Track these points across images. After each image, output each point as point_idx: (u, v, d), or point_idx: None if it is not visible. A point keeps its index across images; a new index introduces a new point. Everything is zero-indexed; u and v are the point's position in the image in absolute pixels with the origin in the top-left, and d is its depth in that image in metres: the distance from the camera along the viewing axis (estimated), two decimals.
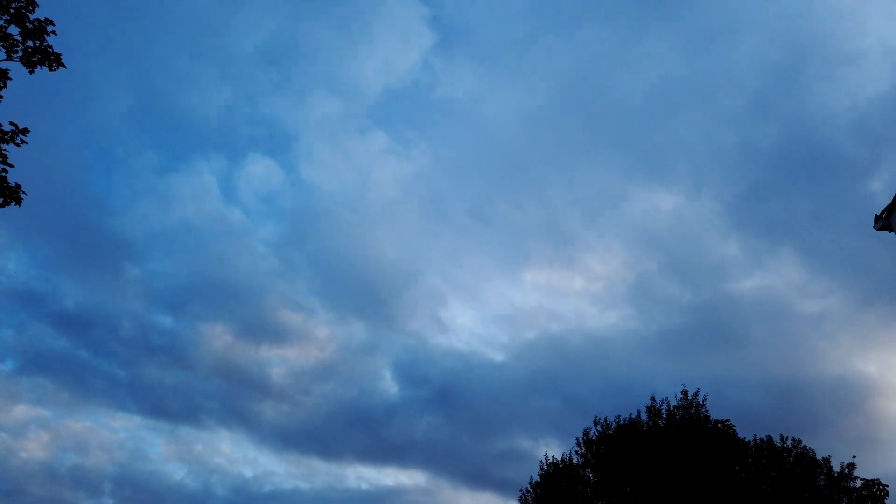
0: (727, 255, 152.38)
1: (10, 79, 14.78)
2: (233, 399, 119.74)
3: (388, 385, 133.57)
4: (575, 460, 38.29)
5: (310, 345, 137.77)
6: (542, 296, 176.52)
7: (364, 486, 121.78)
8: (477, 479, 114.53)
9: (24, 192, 14.86)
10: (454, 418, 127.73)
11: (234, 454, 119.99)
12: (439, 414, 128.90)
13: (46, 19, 14.56)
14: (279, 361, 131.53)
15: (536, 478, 39.51)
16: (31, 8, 14.94)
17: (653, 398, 37.10)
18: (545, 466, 39.35)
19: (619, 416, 37.64)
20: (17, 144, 14.16)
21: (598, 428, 37.89)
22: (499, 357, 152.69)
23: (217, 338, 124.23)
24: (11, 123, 14.51)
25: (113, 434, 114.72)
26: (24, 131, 14.16)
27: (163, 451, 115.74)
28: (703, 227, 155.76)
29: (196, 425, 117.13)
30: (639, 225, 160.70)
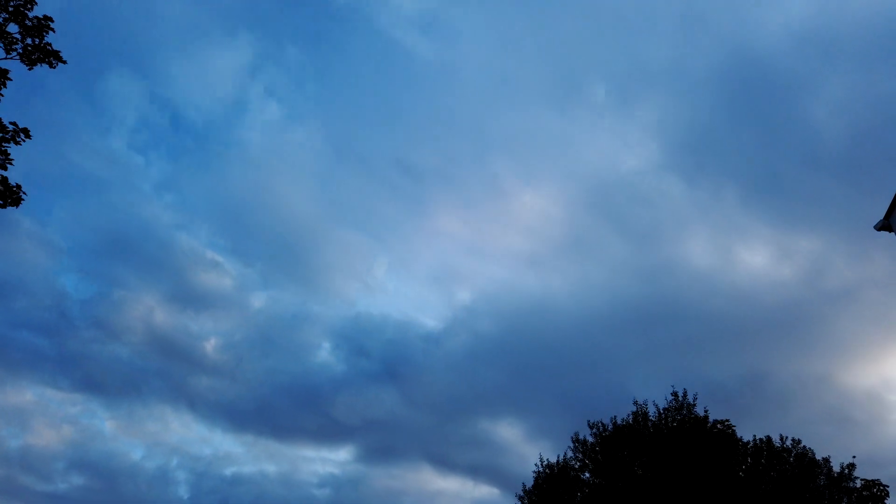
0: (671, 203, 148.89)
1: (10, 79, 14.60)
2: (171, 374, 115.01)
3: (329, 357, 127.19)
4: (572, 463, 38.20)
5: (239, 311, 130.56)
6: (475, 255, 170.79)
7: (322, 468, 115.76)
8: (439, 460, 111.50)
9: (24, 193, 14.68)
10: (404, 394, 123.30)
11: (187, 434, 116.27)
12: (388, 390, 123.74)
13: (45, 17, 14.40)
14: (211, 332, 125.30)
15: (531, 478, 39.42)
16: (29, 6, 14.78)
17: (636, 402, 37.14)
18: (541, 468, 39.20)
19: (615, 416, 37.60)
20: (18, 143, 13.99)
21: (594, 430, 37.75)
22: (437, 324, 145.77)
23: (140, 304, 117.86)
24: (12, 123, 14.34)
25: (56, 410, 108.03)
26: (25, 131, 14.00)
27: (112, 430, 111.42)
28: (641, 175, 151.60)
29: (139, 402, 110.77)
30: (574, 172, 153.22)
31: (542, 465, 39.21)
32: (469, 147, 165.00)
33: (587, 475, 37.37)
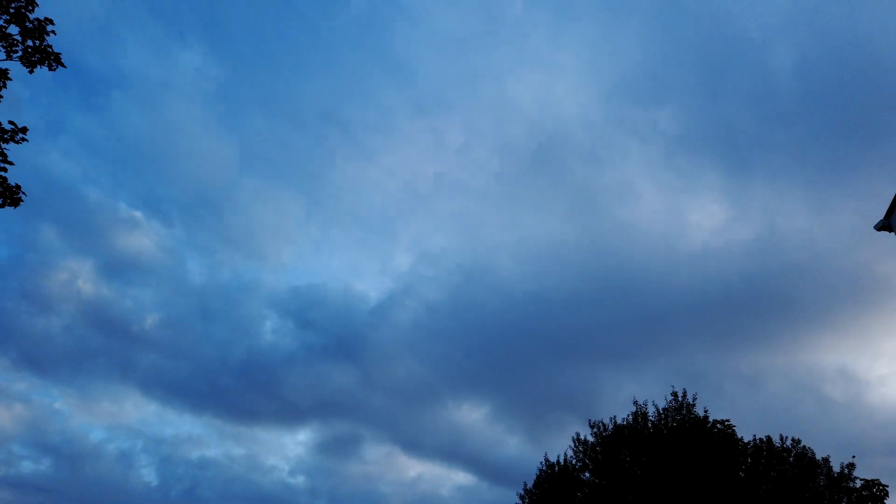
0: (616, 158, 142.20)
1: (9, 79, 14.76)
2: (115, 351, 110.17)
3: (276, 332, 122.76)
4: (573, 462, 38.27)
5: (172, 280, 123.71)
6: (411, 215, 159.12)
7: (291, 452, 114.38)
8: (410, 445, 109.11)
9: (24, 193, 14.84)
10: (361, 374, 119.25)
11: (143, 414, 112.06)
12: (343, 369, 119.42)
13: (46, 19, 14.55)
14: (147, 303, 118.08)
15: (532, 479, 39.54)
16: (30, 8, 14.93)
17: (636, 402, 37.17)
18: (543, 468, 39.33)
19: (615, 416, 37.73)
20: (17, 142, 14.15)
21: (595, 430, 37.84)
22: (378, 294, 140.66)
23: (64, 270, 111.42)
24: (11, 122, 14.49)
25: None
26: (24, 130, 14.16)
27: (65, 410, 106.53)
28: (575, 115, 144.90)
29: (88, 381, 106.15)
30: (513, 127, 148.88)
31: (544, 464, 39.39)
32: (403, 100, 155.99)
33: (587, 475, 37.45)
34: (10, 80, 14.39)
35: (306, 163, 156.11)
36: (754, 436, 36.91)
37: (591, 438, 37.70)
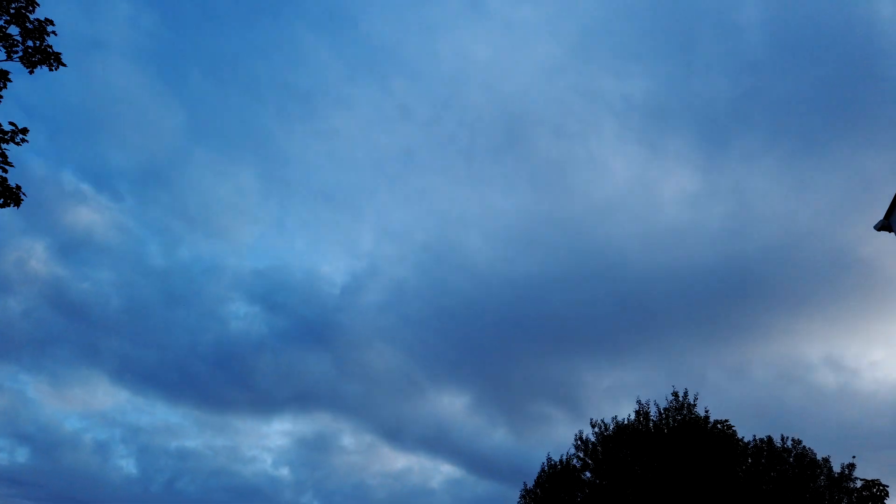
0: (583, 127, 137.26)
1: (10, 80, 14.77)
2: (79, 336, 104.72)
3: (245, 318, 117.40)
4: (574, 462, 38.30)
5: (131, 260, 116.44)
6: (374, 189, 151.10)
7: (274, 443, 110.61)
8: (393, 436, 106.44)
9: (24, 194, 14.85)
10: (335, 361, 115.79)
11: (116, 402, 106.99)
12: (316, 356, 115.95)
13: (46, 19, 14.57)
14: (108, 284, 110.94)
15: (526, 475, 39.63)
16: (31, 8, 14.94)
17: (639, 402, 37.19)
18: (544, 468, 39.37)
19: (616, 416, 37.80)
20: (17, 143, 14.16)
21: (596, 430, 37.89)
22: (345, 271, 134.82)
23: (16, 247, 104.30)
24: (11, 123, 14.51)
25: None
26: (24, 131, 14.17)
27: (37, 396, 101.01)
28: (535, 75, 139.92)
29: (55, 367, 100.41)
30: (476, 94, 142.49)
31: (547, 464, 39.47)
32: (366, 70, 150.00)
33: (588, 475, 37.47)
34: (11, 80, 14.42)
35: (263, 135, 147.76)
36: (754, 436, 37.00)
37: (591, 438, 37.75)
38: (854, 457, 35.39)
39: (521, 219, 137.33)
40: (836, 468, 35.25)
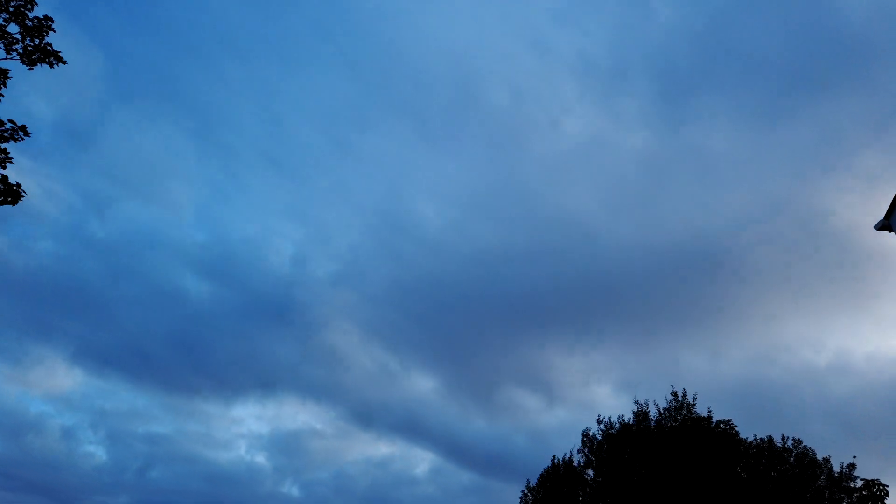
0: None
1: (9, 77, 14.80)
2: (30, 311, 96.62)
3: (199, 295, 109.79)
4: (577, 460, 38.35)
5: (63, 224, 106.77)
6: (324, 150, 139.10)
7: (250, 428, 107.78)
8: (366, 421, 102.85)
9: (24, 192, 14.88)
10: (294, 339, 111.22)
11: (78, 385, 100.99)
12: (273, 331, 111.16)
13: (46, 17, 14.59)
14: (47, 255, 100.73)
15: (536, 478, 39.62)
16: (30, 6, 14.97)
17: (637, 402, 37.17)
18: (547, 466, 39.44)
19: (622, 415, 37.77)
20: (16, 140, 14.20)
21: (601, 427, 37.90)
22: (297, 242, 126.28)
23: None
24: (10, 121, 14.55)
25: None
26: (24, 129, 14.21)
27: None
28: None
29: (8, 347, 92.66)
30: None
31: (552, 462, 39.58)
32: (312, 26, 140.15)
33: (590, 473, 37.49)
34: (10, 78, 14.45)
35: (196, 93, 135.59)
36: (755, 436, 37.00)
37: (598, 436, 37.74)
38: (854, 457, 35.48)
39: (477, 184, 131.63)
40: (837, 468, 35.26)
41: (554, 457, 39.84)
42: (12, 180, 14.89)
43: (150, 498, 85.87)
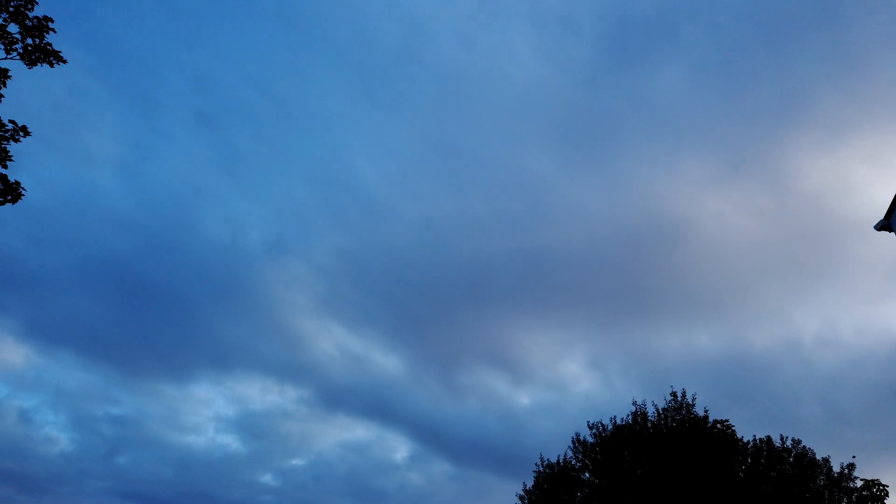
0: None
1: (9, 76, 14.80)
2: None
3: (137, 262, 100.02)
4: (573, 463, 38.26)
5: None
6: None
7: (221, 410, 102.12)
8: (337, 404, 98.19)
9: (23, 189, 14.88)
10: (245, 308, 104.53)
11: (31, 364, 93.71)
12: (225, 303, 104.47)
13: (46, 17, 14.60)
14: None
15: (531, 480, 39.53)
16: (30, 6, 14.98)
17: (635, 402, 37.17)
18: (541, 469, 39.30)
19: (615, 417, 37.72)
20: (17, 141, 14.20)
21: (594, 431, 37.84)
22: (232, 207, 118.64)
23: None
24: (11, 122, 14.55)
25: None
26: (24, 129, 14.22)
27: None
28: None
29: None
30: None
31: (542, 464, 39.38)
32: None
33: (587, 475, 37.43)
34: (10, 77, 14.45)
35: (115, 40, 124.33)
36: (754, 436, 37.02)
37: (590, 439, 37.70)
38: (854, 456, 35.49)
39: (424, 143, 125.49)
40: (836, 468, 35.29)
41: (542, 458, 39.73)
42: (11, 179, 14.91)
43: (123, 487, 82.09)
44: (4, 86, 14.80)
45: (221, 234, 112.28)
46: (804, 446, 35.92)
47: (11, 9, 14.85)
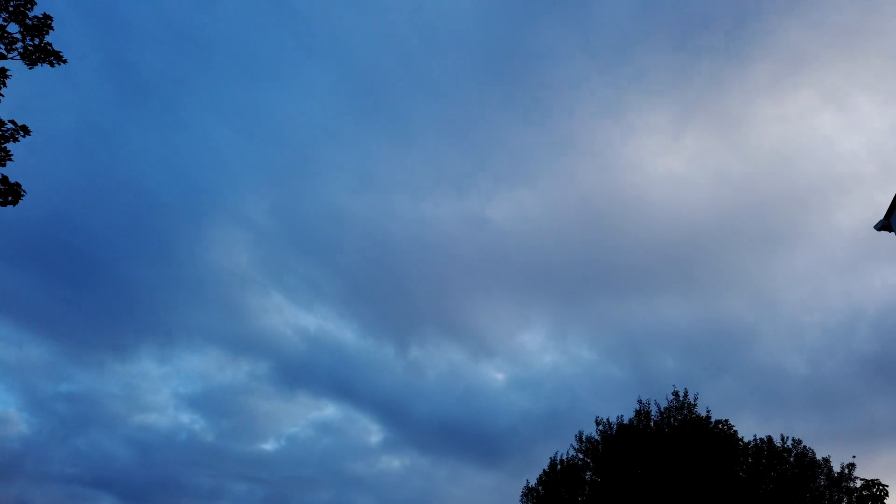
0: None
1: (9, 76, 14.74)
2: None
3: (56, 215, 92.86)
4: (577, 461, 38.30)
5: None
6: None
7: (180, 387, 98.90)
8: (295, 382, 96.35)
9: (24, 191, 14.83)
10: (177, 272, 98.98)
11: None
12: (153, 266, 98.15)
13: (45, 15, 14.53)
14: None
15: (535, 479, 39.63)
16: (30, 6, 14.91)
17: (640, 401, 37.17)
18: (546, 467, 39.42)
19: (621, 416, 37.77)
20: (17, 140, 14.14)
21: (600, 427, 37.89)
22: (153, 151, 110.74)
23: None
24: (11, 122, 14.48)
25: None
26: (24, 128, 14.15)
27: None
28: None
29: None
30: None
31: (549, 464, 39.56)
32: None
33: (589, 474, 37.47)
34: (10, 77, 14.39)
35: None
36: (755, 436, 37.12)
37: (596, 436, 37.72)
38: (854, 456, 35.55)
39: (354, 90, 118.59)
40: (836, 468, 35.31)
41: (552, 457, 39.85)
42: (12, 179, 14.85)
43: (89, 474, 77.34)
44: (4, 85, 14.73)
45: (141, 179, 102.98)
46: (804, 446, 35.98)
47: (11, 8, 14.78)
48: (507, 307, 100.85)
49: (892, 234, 23.00)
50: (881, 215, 22.68)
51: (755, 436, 37.07)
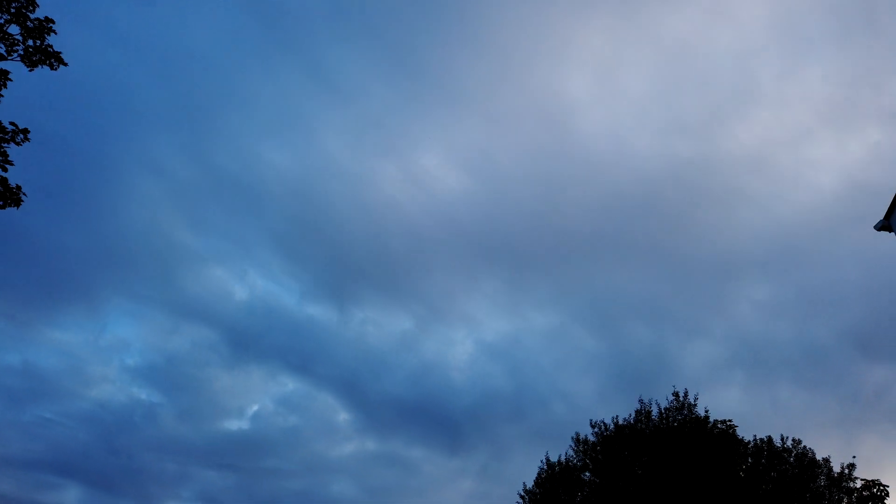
0: None
1: (10, 79, 14.69)
2: None
3: None
4: (575, 462, 38.28)
5: None
6: None
7: (128, 360, 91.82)
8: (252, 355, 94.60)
9: (24, 194, 14.78)
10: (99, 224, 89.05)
11: None
12: (70, 219, 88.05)
13: (47, 18, 14.49)
14: None
15: (532, 480, 39.57)
16: (31, 7, 14.87)
17: (641, 401, 37.18)
18: (543, 468, 39.35)
19: (617, 416, 37.73)
20: (18, 143, 14.09)
21: (596, 430, 37.88)
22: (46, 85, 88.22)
23: None
24: (12, 123, 14.44)
25: None
26: (25, 131, 14.10)
27: None
28: None
29: None
30: None
31: (545, 464, 39.47)
32: None
33: (587, 475, 37.46)
34: (11, 80, 14.34)
35: None
36: (755, 436, 37.09)
37: (591, 438, 37.72)
38: (854, 456, 35.63)
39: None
40: (837, 468, 35.35)
41: (547, 457, 39.83)
42: (12, 183, 14.80)
43: (40, 455, 71.30)
44: (5, 87, 14.69)
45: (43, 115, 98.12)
46: (804, 446, 36.00)
47: (13, 10, 14.74)
48: (456, 273, 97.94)
49: (892, 234, 23.01)
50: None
51: (755, 435, 37.13)
